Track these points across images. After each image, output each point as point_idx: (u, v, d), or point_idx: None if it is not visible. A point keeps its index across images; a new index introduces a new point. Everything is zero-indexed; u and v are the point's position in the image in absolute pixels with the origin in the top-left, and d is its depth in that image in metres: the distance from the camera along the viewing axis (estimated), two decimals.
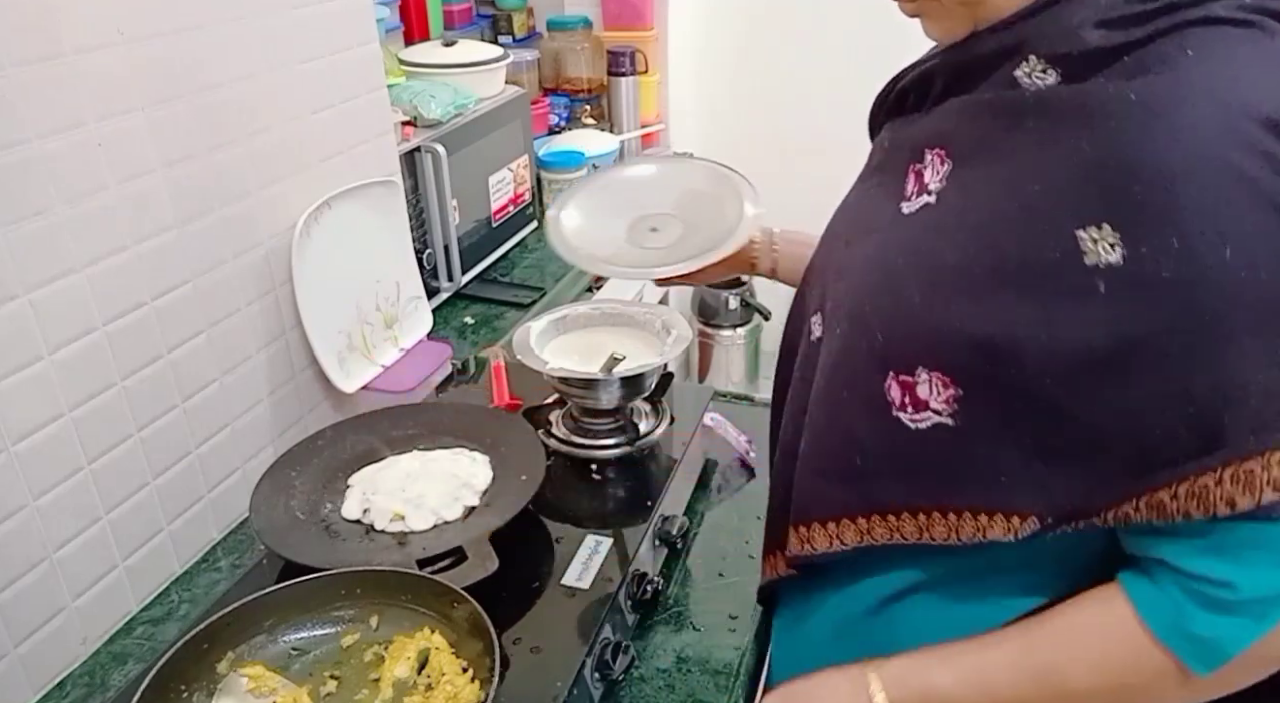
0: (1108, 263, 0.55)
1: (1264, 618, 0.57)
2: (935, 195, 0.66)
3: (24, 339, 0.85)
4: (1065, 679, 0.63)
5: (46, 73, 0.83)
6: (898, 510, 0.67)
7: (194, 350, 1.02)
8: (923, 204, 0.67)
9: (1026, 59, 0.61)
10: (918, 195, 0.67)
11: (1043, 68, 0.60)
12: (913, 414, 0.64)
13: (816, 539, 0.72)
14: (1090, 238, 0.55)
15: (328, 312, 1.19)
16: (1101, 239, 0.55)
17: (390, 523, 0.92)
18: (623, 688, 0.87)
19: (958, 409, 0.62)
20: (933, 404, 0.63)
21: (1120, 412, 0.57)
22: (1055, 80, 0.60)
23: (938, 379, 0.62)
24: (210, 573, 1.05)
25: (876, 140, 0.80)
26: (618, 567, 0.92)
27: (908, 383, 0.64)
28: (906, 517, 0.67)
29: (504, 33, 2.32)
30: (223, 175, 1.03)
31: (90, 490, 0.93)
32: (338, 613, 0.82)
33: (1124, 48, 0.57)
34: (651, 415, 1.16)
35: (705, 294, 2.79)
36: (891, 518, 0.68)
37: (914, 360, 0.64)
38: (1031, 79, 0.61)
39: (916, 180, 0.68)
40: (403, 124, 1.49)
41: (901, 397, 0.65)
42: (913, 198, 0.68)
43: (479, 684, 0.73)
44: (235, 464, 1.11)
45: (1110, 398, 0.56)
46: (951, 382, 0.62)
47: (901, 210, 0.68)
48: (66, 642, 0.92)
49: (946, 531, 0.65)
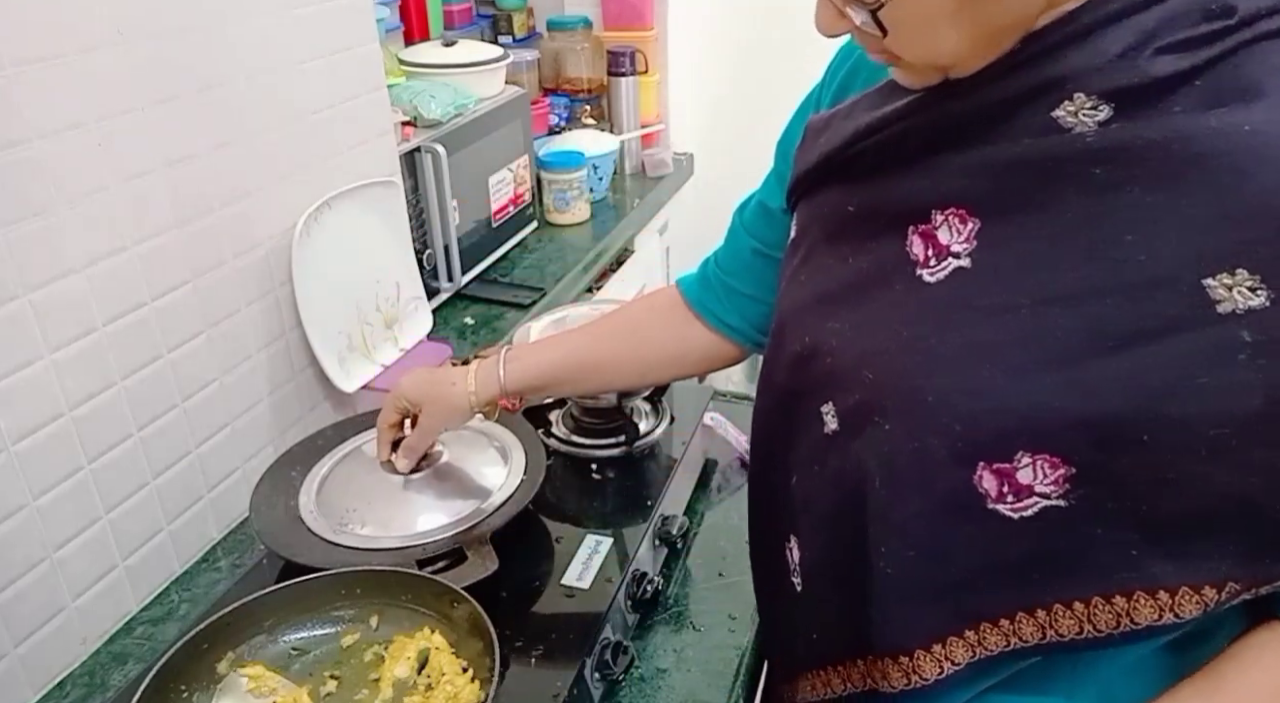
0: (1249, 307, 0.50)
1: None
2: (968, 258, 0.59)
3: (24, 339, 0.85)
4: None
5: (47, 72, 0.83)
6: (1011, 614, 0.59)
7: (194, 350, 1.02)
8: (952, 268, 0.60)
9: (1070, 97, 0.55)
10: (938, 259, 0.61)
11: (1092, 104, 0.55)
12: (1014, 504, 0.57)
13: (924, 668, 0.62)
14: (1222, 285, 0.51)
15: (328, 312, 1.19)
16: (1237, 284, 0.51)
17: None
18: (623, 688, 0.87)
19: (1070, 488, 0.55)
20: (1039, 488, 0.56)
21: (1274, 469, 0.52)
22: (1108, 115, 0.54)
23: (1044, 462, 0.56)
24: (210, 573, 1.05)
25: (819, 198, 0.72)
26: (618, 567, 0.92)
27: (1005, 471, 0.57)
28: (1023, 618, 0.59)
29: (504, 33, 2.31)
30: (223, 175, 1.03)
31: (90, 491, 0.93)
32: (338, 613, 0.82)
33: (1191, 73, 0.52)
34: (651, 415, 1.16)
35: None
36: (1005, 624, 0.60)
37: (1010, 447, 0.56)
38: (1079, 118, 0.55)
39: (928, 242, 0.61)
40: (403, 124, 1.49)
41: (999, 487, 0.57)
42: (932, 262, 0.61)
43: (479, 684, 0.73)
44: (235, 464, 1.11)
45: (1262, 456, 0.52)
46: (1062, 462, 0.55)
47: (922, 277, 0.61)
48: (66, 642, 0.92)
49: (1075, 624, 0.58)
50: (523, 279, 1.75)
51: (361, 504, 0.94)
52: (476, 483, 0.97)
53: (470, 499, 0.95)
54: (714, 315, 0.90)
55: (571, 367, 0.92)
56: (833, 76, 0.79)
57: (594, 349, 0.92)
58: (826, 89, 0.80)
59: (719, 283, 0.90)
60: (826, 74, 0.80)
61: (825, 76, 0.81)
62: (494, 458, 1.01)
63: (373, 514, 0.93)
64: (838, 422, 0.65)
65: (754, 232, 0.88)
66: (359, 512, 0.93)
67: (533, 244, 1.91)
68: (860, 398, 0.63)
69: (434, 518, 0.92)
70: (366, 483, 0.97)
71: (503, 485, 0.96)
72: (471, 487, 0.97)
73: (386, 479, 0.96)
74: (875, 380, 0.62)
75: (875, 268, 0.65)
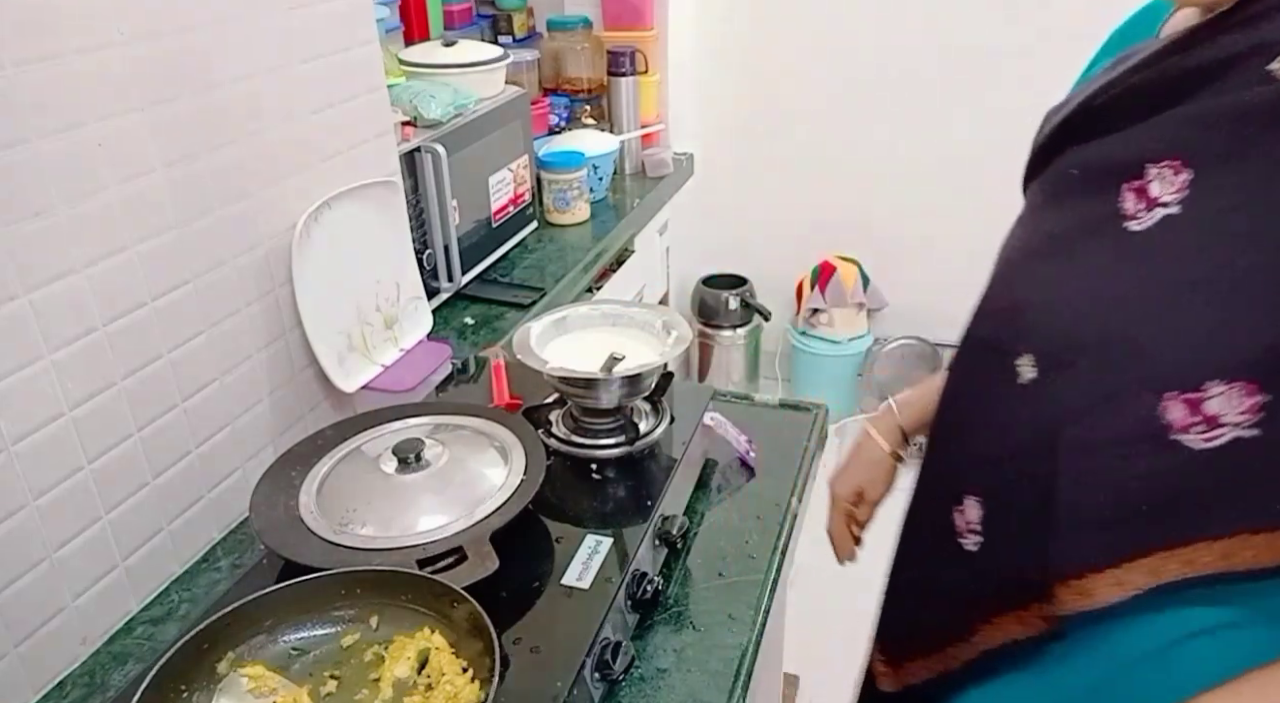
0: None
1: None
2: (1179, 205, 0.62)
3: (24, 339, 0.85)
4: None
5: (46, 73, 0.83)
6: (1191, 540, 0.60)
7: (194, 350, 1.02)
8: (1161, 217, 0.63)
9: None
10: (1148, 210, 0.63)
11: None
12: (1203, 433, 0.59)
13: (1097, 590, 0.63)
14: None
15: (328, 312, 1.19)
16: None
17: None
18: (623, 688, 0.87)
19: (1264, 417, 0.57)
20: (1228, 419, 0.58)
21: None
22: None
23: (1238, 390, 0.57)
24: (210, 573, 1.05)
25: (1050, 169, 0.75)
26: (618, 567, 0.92)
27: (1193, 400, 0.59)
28: (1203, 546, 0.60)
29: (504, 33, 2.32)
30: (223, 175, 1.03)
31: (90, 491, 0.93)
32: (338, 613, 0.82)
33: None
34: (651, 415, 1.16)
35: (705, 294, 2.79)
36: (1184, 551, 0.60)
37: (1202, 375, 0.59)
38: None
39: (1140, 196, 0.64)
40: (403, 124, 1.49)
41: (1186, 417, 0.59)
42: (1141, 215, 0.64)
43: (479, 684, 0.73)
44: (235, 464, 1.11)
45: None
46: (1258, 389, 0.57)
47: (1128, 229, 0.64)
48: (66, 642, 0.93)
49: (1254, 554, 0.58)
50: (523, 279, 1.76)
51: (361, 504, 0.94)
52: (476, 483, 0.97)
53: (470, 499, 0.95)
54: None
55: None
56: (1092, 67, 0.83)
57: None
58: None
59: None
60: (1090, 63, 0.85)
61: (1088, 65, 0.85)
62: (494, 458, 1.01)
63: (373, 514, 0.93)
64: (1036, 370, 0.68)
65: None
66: (359, 512, 0.93)
67: (533, 244, 1.91)
68: (1058, 344, 0.66)
69: (434, 518, 0.92)
70: (367, 483, 0.97)
71: (503, 486, 0.96)
72: (471, 487, 0.97)
73: (386, 479, 0.96)
74: (1073, 323, 0.66)
75: (1084, 223, 0.68)
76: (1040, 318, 0.69)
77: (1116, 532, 0.63)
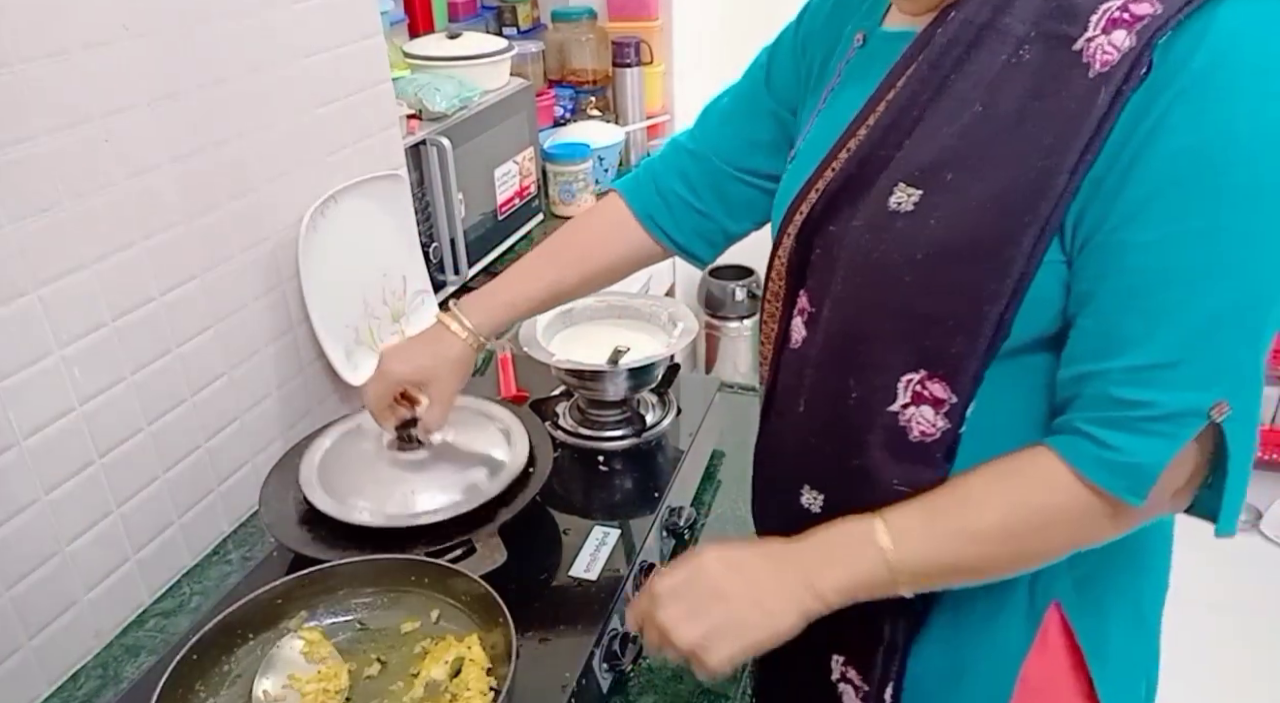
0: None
1: (1178, 434, 0.59)
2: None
3: (34, 335, 0.85)
4: (1020, 542, 0.65)
5: (53, 69, 0.83)
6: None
7: (202, 345, 1.03)
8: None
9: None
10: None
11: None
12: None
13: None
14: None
15: (335, 305, 1.19)
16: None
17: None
18: (631, 679, 0.87)
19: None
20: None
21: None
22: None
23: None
24: (221, 566, 1.06)
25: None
26: (625, 558, 0.93)
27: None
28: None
29: (508, 24, 2.31)
30: (229, 170, 1.04)
31: (101, 485, 0.93)
32: (407, 597, 0.84)
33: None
34: (658, 407, 1.16)
35: (712, 285, 2.79)
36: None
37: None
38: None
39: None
40: (408, 117, 1.49)
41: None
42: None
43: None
44: (245, 458, 1.11)
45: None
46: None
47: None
48: (79, 635, 0.93)
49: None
50: None
51: (370, 498, 0.94)
52: (484, 475, 0.97)
53: (478, 491, 0.95)
54: (658, 229, 0.96)
55: (533, 302, 0.96)
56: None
57: (551, 281, 0.96)
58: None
59: (674, 196, 0.95)
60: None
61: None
62: (501, 451, 1.01)
63: (380, 507, 0.93)
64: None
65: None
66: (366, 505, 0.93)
67: (539, 236, 1.91)
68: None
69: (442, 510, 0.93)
70: (376, 472, 0.97)
71: (510, 477, 0.96)
72: (478, 478, 0.97)
73: (394, 470, 0.96)
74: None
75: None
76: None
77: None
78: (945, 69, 0.64)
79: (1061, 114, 0.59)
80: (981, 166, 0.62)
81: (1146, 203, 0.58)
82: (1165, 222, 0.57)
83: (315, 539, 0.90)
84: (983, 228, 0.62)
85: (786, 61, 0.88)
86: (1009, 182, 0.61)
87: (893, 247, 0.66)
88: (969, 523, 0.65)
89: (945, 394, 0.65)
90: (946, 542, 0.65)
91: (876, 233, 0.67)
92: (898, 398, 0.67)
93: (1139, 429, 0.60)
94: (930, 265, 0.64)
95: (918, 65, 0.66)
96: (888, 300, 0.67)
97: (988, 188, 0.62)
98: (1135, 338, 0.60)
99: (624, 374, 1.07)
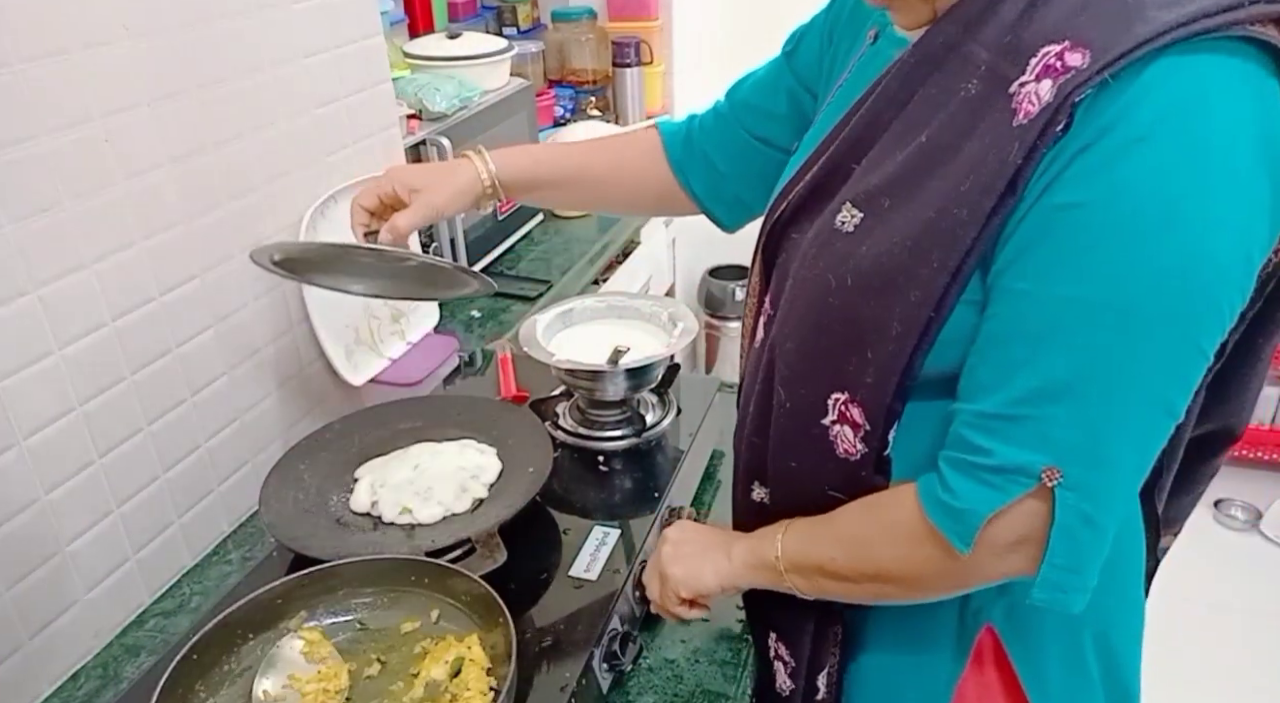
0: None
1: (1007, 489, 0.59)
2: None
3: (34, 335, 0.85)
4: (868, 550, 0.68)
5: (53, 68, 0.83)
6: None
7: (202, 345, 1.03)
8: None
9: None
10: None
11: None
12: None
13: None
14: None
15: (334, 306, 1.19)
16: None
17: (399, 516, 0.93)
18: (631, 679, 0.87)
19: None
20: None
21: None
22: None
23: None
24: (221, 566, 1.06)
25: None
26: (625, 558, 0.93)
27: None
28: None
29: (508, 24, 2.31)
30: (229, 170, 1.04)
31: (101, 485, 0.93)
32: (406, 598, 0.83)
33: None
34: (658, 407, 1.16)
35: (712, 285, 2.79)
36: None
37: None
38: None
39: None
40: (408, 117, 1.49)
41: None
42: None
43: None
44: (244, 458, 1.11)
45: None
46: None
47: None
48: (79, 635, 0.93)
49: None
50: (529, 272, 1.76)
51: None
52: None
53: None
54: (685, 177, 0.98)
55: (556, 173, 0.99)
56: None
57: (579, 163, 1.00)
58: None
59: (700, 151, 0.97)
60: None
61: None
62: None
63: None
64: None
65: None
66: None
67: (539, 237, 1.91)
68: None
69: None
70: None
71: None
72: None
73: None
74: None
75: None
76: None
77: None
78: (912, 87, 0.63)
79: (982, 163, 0.57)
80: (911, 202, 0.61)
81: (1023, 252, 0.56)
82: (1031, 276, 0.56)
83: (315, 540, 0.90)
84: (896, 267, 0.60)
85: (814, 43, 0.87)
86: (927, 224, 0.59)
87: (828, 266, 0.65)
88: (835, 527, 0.70)
89: (861, 420, 0.65)
90: (816, 541, 0.71)
91: (820, 248, 0.66)
92: (828, 413, 0.67)
93: (974, 475, 0.60)
94: (854, 292, 0.63)
95: (889, 81, 0.65)
96: (820, 319, 0.66)
97: (909, 227, 0.60)
98: (987, 384, 0.59)
99: (624, 374, 1.07)
